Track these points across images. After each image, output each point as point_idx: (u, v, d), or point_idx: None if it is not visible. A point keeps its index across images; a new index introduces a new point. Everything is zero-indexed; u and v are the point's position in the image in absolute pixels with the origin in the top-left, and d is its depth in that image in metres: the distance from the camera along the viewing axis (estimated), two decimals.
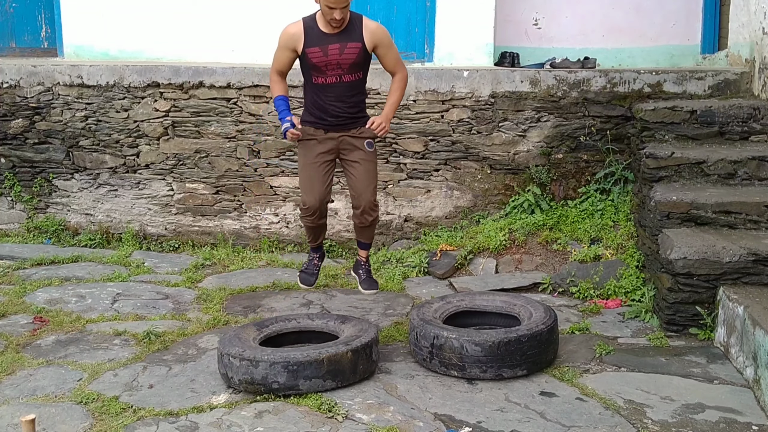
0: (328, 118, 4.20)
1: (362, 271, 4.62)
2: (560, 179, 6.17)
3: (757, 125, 5.43)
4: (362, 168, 4.25)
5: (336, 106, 4.17)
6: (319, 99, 4.18)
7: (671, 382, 3.85)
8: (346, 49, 4.09)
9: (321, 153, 4.23)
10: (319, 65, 4.10)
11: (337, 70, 4.11)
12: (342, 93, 4.16)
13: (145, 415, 3.55)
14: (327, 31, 4.09)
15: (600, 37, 7.11)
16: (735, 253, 4.28)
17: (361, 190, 4.24)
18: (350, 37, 4.09)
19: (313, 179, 4.21)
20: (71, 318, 4.85)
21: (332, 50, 4.08)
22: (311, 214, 4.27)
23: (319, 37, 4.08)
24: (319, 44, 4.08)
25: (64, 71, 6.58)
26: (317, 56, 4.08)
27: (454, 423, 3.47)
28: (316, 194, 4.21)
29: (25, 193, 6.80)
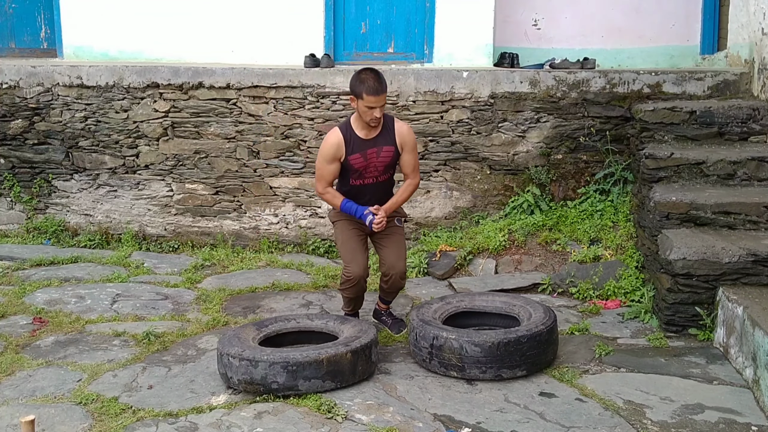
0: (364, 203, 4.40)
1: (386, 318, 4.75)
2: (560, 180, 6.17)
3: (757, 126, 5.43)
4: (394, 240, 4.47)
5: (372, 201, 4.40)
6: (356, 196, 4.39)
7: (671, 383, 3.85)
8: (382, 152, 4.33)
9: (358, 228, 4.43)
10: (360, 169, 4.31)
11: (374, 172, 4.36)
12: (376, 190, 4.42)
13: (144, 416, 3.55)
14: (362, 136, 4.30)
15: (599, 37, 7.12)
16: (734, 253, 4.29)
17: (393, 261, 4.42)
18: (385, 141, 4.33)
19: (356, 250, 4.38)
20: (71, 319, 4.85)
21: (371, 155, 4.30)
22: (356, 283, 4.37)
23: (358, 144, 4.29)
24: (359, 150, 4.28)
25: (63, 72, 6.58)
26: (358, 162, 4.30)
27: (454, 423, 3.47)
28: (360, 263, 4.35)
29: (25, 194, 6.80)
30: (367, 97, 4.13)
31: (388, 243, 4.46)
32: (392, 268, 4.41)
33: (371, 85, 4.13)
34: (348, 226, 4.43)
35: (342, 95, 6.25)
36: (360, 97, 4.16)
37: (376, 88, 4.13)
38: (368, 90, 4.13)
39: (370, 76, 4.16)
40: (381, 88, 4.15)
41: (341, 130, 4.31)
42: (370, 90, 4.13)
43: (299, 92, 6.30)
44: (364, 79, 4.16)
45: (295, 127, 6.36)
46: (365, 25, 6.93)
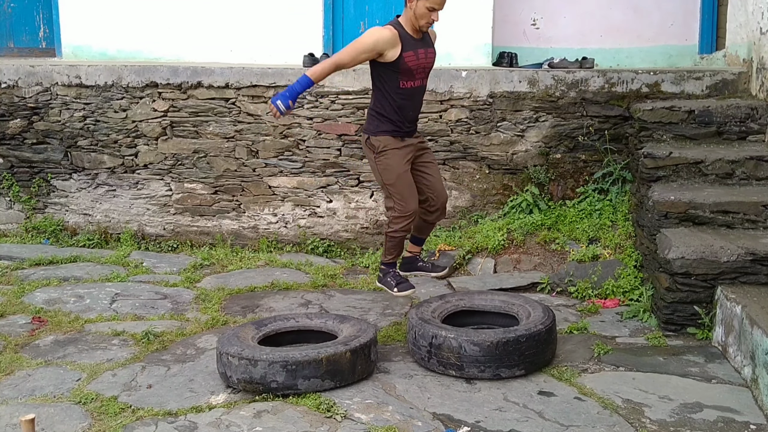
0: (408, 123, 4.30)
1: (422, 263, 4.70)
2: (558, 179, 6.18)
3: (755, 125, 5.44)
4: (435, 167, 4.47)
5: (416, 109, 4.34)
6: (404, 103, 4.24)
7: (669, 382, 3.86)
8: (428, 54, 4.27)
9: (407, 161, 4.33)
10: (413, 69, 4.20)
11: (422, 73, 4.26)
12: (422, 95, 4.36)
13: (143, 415, 3.55)
14: (415, 36, 4.19)
15: (598, 37, 7.13)
16: (733, 252, 4.29)
17: (440, 188, 4.44)
18: (428, 43, 4.29)
19: (411, 184, 4.30)
20: (70, 318, 4.85)
21: (421, 54, 4.21)
22: (414, 217, 4.33)
23: (410, 42, 4.19)
24: (412, 48, 4.18)
25: (62, 71, 6.58)
26: (412, 60, 4.18)
27: (453, 422, 3.48)
28: (415, 197, 4.30)
29: (24, 194, 6.80)
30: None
31: (431, 170, 4.41)
32: (441, 195, 4.43)
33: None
34: (401, 157, 4.26)
35: (341, 94, 6.26)
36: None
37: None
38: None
39: None
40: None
41: (395, 26, 4.16)
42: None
43: None
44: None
45: (294, 126, 6.37)
46: (364, 25, 6.93)
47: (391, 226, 4.33)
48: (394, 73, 4.17)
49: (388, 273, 4.50)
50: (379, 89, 4.26)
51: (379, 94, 4.27)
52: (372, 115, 4.32)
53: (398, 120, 4.25)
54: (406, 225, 4.31)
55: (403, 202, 4.25)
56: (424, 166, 4.40)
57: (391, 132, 4.27)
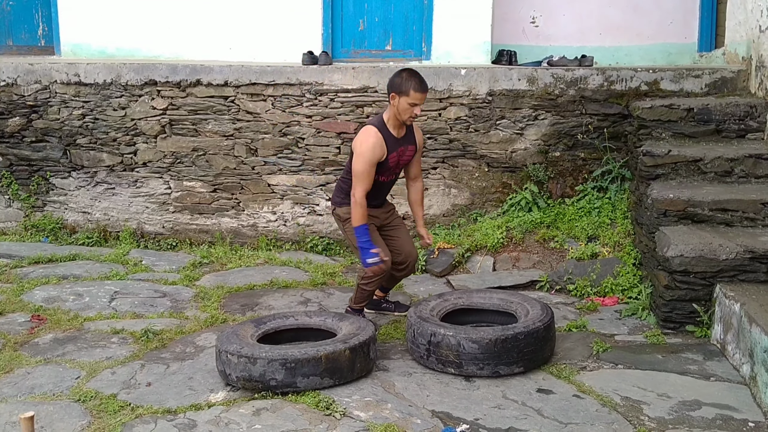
0: (376, 202, 4.54)
1: (387, 304, 4.94)
2: (557, 177, 6.18)
3: (754, 123, 5.44)
4: (403, 230, 4.69)
5: (386, 194, 4.64)
6: (376, 191, 4.45)
7: (668, 380, 3.86)
8: (407, 151, 4.51)
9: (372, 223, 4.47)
10: (392, 167, 4.42)
11: (397, 168, 4.54)
12: (390, 186, 4.62)
13: (143, 413, 3.56)
14: (395, 135, 4.40)
15: (597, 35, 7.12)
16: (732, 250, 4.29)
17: (410, 248, 4.64)
18: (409, 140, 4.49)
19: (381, 242, 4.48)
20: (69, 316, 4.85)
21: (401, 152, 4.46)
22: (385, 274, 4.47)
23: (393, 142, 4.38)
24: (394, 149, 4.39)
25: (61, 69, 6.58)
26: (393, 160, 4.41)
27: (452, 420, 3.48)
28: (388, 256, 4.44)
29: (23, 192, 6.80)
30: (414, 93, 4.20)
31: (399, 233, 4.65)
32: (410, 255, 4.63)
33: (418, 82, 4.22)
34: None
35: (340, 92, 6.26)
36: (405, 93, 4.21)
37: (423, 85, 4.24)
38: (415, 87, 4.21)
39: (414, 74, 4.26)
40: (426, 86, 4.28)
41: (377, 128, 4.33)
42: (417, 87, 4.21)
43: (297, 90, 6.30)
44: (409, 77, 4.23)
45: (293, 124, 6.36)
46: (363, 23, 6.93)
47: (364, 281, 4.51)
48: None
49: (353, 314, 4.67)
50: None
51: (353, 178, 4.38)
52: (340, 187, 4.56)
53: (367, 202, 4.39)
54: (379, 281, 4.51)
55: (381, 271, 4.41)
56: (392, 230, 4.64)
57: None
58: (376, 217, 4.56)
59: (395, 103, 4.28)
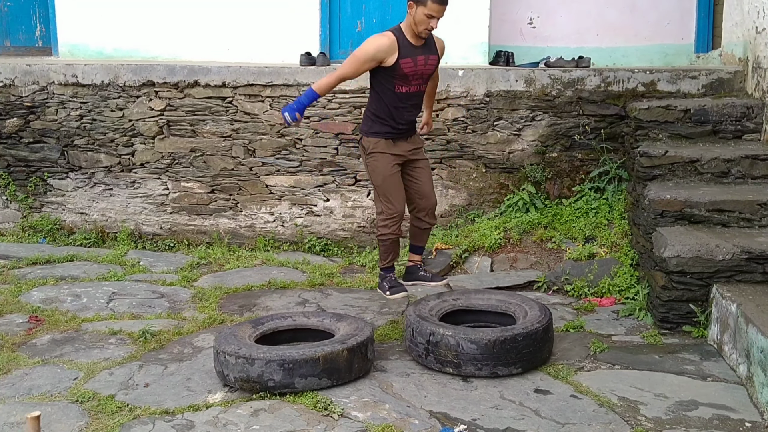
0: (401, 125, 4.39)
1: (423, 273, 4.79)
2: (555, 178, 6.19)
3: (751, 124, 5.46)
4: (426, 172, 4.55)
5: (411, 113, 4.42)
6: (397, 107, 4.33)
7: (665, 380, 3.87)
8: (429, 61, 4.35)
9: (396, 163, 4.41)
10: (409, 75, 4.29)
11: (419, 79, 4.34)
12: (418, 100, 4.43)
13: (141, 414, 3.56)
14: (414, 43, 4.28)
15: (594, 36, 7.13)
16: (728, 251, 4.31)
17: (429, 192, 4.52)
18: (430, 50, 4.35)
19: (398, 187, 4.41)
20: (67, 317, 4.85)
21: (420, 61, 4.30)
22: (400, 217, 4.41)
23: (409, 49, 4.27)
24: (410, 55, 4.27)
25: (58, 70, 6.58)
26: (409, 67, 4.27)
27: (450, 421, 3.49)
28: (403, 198, 4.40)
29: (20, 192, 6.79)
30: (432, 4, 4.12)
31: (421, 176, 4.50)
32: (428, 198, 4.51)
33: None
34: (389, 161, 4.36)
35: (338, 93, 6.26)
36: (423, 3, 4.13)
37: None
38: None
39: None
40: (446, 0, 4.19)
41: (394, 33, 4.26)
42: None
43: (295, 91, 6.30)
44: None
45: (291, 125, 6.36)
46: (361, 24, 6.93)
47: (380, 230, 4.44)
48: (391, 78, 4.26)
49: (384, 278, 4.63)
50: (375, 91, 4.35)
51: (375, 95, 4.36)
52: (367, 115, 4.42)
53: (392, 122, 4.34)
54: (394, 227, 4.41)
55: (389, 204, 4.37)
56: (415, 171, 4.50)
57: (383, 134, 4.37)
58: (400, 154, 4.40)
59: (412, 12, 4.18)
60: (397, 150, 4.40)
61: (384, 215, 4.36)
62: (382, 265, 4.61)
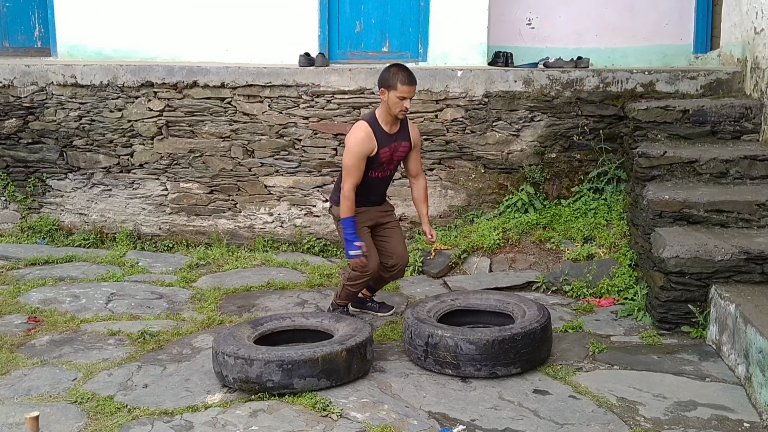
0: (372, 199, 4.58)
1: (371, 303, 4.97)
2: (554, 178, 6.19)
3: (749, 124, 5.46)
4: (397, 232, 4.71)
5: (382, 192, 4.66)
6: (368, 188, 4.50)
7: (663, 380, 3.88)
8: (401, 147, 4.53)
9: (366, 226, 4.55)
10: (384, 162, 4.45)
11: (391, 165, 4.55)
12: (386, 183, 4.66)
13: (140, 415, 3.56)
14: (387, 130, 4.44)
15: (593, 36, 7.14)
16: (727, 251, 4.31)
17: (401, 251, 4.68)
18: (403, 137, 4.53)
19: (371, 246, 4.52)
20: (65, 318, 4.85)
21: (394, 149, 4.49)
22: (370, 277, 4.56)
23: (385, 138, 4.43)
24: (386, 144, 4.44)
25: (57, 71, 6.57)
26: (386, 155, 4.46)
27: (448, 421, 3.49)
28: (375, 260, 4.51)
29: (19, 193, 6.79)
30: (401, 86, 4.27)
31: (392, 235, 4.67)
32: (401, 258, 4.66)
33: (405, 75, 4.29)
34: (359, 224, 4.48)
35: (337, 94, 6.26)
36: (393, 87, 4.28)
37: (410, 78, 4.30)
38: (402, 80, 4.27)
39: (402, 68, 4.33)
40: (414, 79, 4.33)
41: (369, 123, 4.39)
42: (404, 80, 4.27)
43: (294, 91, 6.31)
44: (396, 71, 4.31)
45: (290, 126, 6.37)
46: (360, 24, 6.94)
47: (350, 281, 4.58)
48: (366, 166, 4.40)
49: (336, 308, 4.76)
50: None
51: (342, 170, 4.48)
52: (338, 186, 4.56)
53: (363, 199, 4.48)
54: (364, 282, 4.58)
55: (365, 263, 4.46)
56: (387, 231, 4.67)
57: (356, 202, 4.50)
58: (371, 217, 4.58)
59: (385, 98, 4.34)
60: (367, 216, 4.54)
61: (356, 272, 4.48)
62: (339, 303, 4.74)
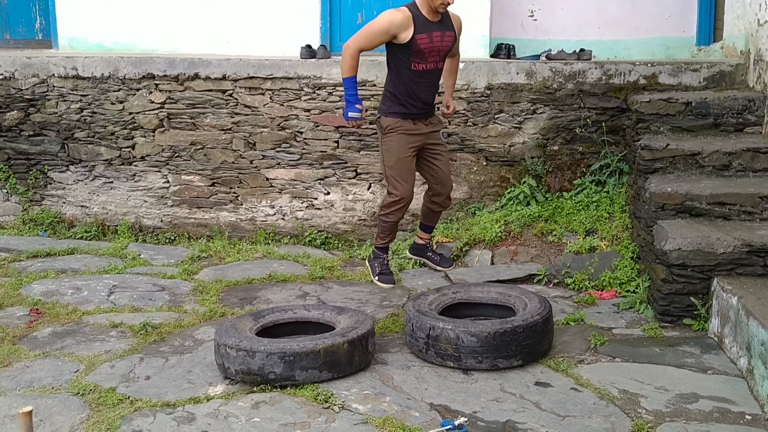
0: (420, 105, 4.32)
1: (432, 253, 4.81)
2: (556, 171, 6.18)
3: (752, 117, 5.44)
4: (444, 158, 4.52)
5: (429, 92, 4.35)
6: (414, 85, 4.27)
7: (665, 373, 3.88)
8: (445, 37, 4.28)
9: (412, 146, 4.35)
10: (425, 51, 4.23)
11: (436, 56, 4.27)
12: (435, 78, 4.35)
13: (142, 407, 3.56)
14: (430, 19, 4.22)
15: (596, 28, 7.11)
16: (729, 244, 4.30)
17: (445, 177, 4.50)
18: (447, 26, 4.31)
19: (408, 171, 4.35)
20: (67, 310, 4.86)
21: (436, 37, 4.23)
22: (404, 206, 4.37)
23: (425, 25, 4.22)
24: (426, 31, 4.21)
25: (58, 63, 6.56)
26: (425, 42, 4.19)
27: (450, 413, 3.49)
28: (411, 184, 4.36)
29: (21, 186, 6.79)
30: None
31: (439, 161, 4.46)
32: (444, 185, 4.49)
33: None
34: (403, 142, 4.28)
35: (338, 86, 6.25)
36: None
37: None
38: None
39: None
40: None
41: (409, 8, 4.22)
42: None
43: (295, 83, 6.29)
44: None
45: (292, 118, 6.36)
46: (361, 16, 6.91)
47: (384, 210, 4.40)
48: (407, 55, 4.21)
49: (377, 257, 4.58)
50: (393, 69, 4.31)
51: (392, 74, 4.32)
52: (385, 95, 4.37)
53: (410, 101, 4.28)
54: (398, 211, 4.37)
55: (398, 186, 4.30)
56: (432, 156, 4.45)
57: (402, 114, 4.31)
58: (418, 135, 4.32)
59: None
60: (415, 130, 4.32)
61: (390, 197, 4.32)
62: (379, 244, 4.56)
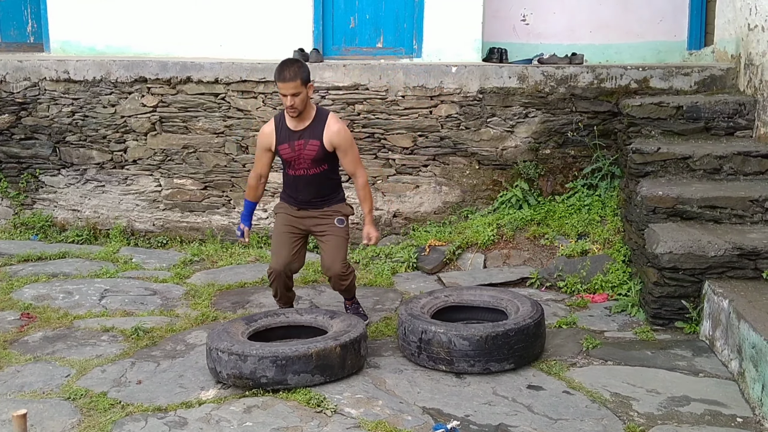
0: (300, 199, 4.47)
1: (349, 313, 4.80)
2: (548, 174, 6.20)
3: (743, 121, 5.47)
4: (331, 242, 4.43)
5: (307, 192, 4.43)
6: (293, 185, 4.45)
7: (657, 375, 3.89)
8: (308, 146, 4.30)
9: (292, 225, 4.47)
10: (289, 160, 4.36)
11: (303, 163, 4.34)
12: (310, 182, 4.40)
13: (133, 411, 3.55)
14: (291, 127, 4.30)
15: (587, 33, 7.14)
16: (720, 247, 4.32)
17: (329, 262, 4.41)
18: (312, 134, 4.30)
19: (280, 245, 4.44)
20: (59, 314, 4.84)
21: (298, 146, 4.31)
22: (275, 279, 4.43)
23: (287, 134, 4.33)
24: (287, 141, 4.33)
25: (50, 66, 6.54)
26: (286, 152, 4.34)
27: (442, 417, 3.49)
28: (280, 259, 4.39)
29: (12, 189, 6.76)
30: (277, 83, 4.18)
31: (325, 244, 4.46)
32: (328, 269, 4.42)
33: (278, 71, 4.14)
34: (282, 221, 4.49)
35: (331, 90, 6.25)
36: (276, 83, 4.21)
37: (280, 74, 4.12)
38: (276, 77, 4.17)
39: (282, 64, 4.16)
40: (286, 75, 4.10)
41: (275, 119, 4.38)
42: (277, 77, 4.16)
43: None
44: (277, 67, 4.17)
45: None
46: (354, 20, 6.92)
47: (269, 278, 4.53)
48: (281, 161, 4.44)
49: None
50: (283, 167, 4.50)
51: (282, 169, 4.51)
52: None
53: (291, 193, 4.48)
54: (272, 283, 4.48)
55: (272, 259, 4.48)
56: (320, 240, 4.51)
57: (286, 200, 4.53)
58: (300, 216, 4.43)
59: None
60: (296, 214, 4.45)
61: (268, 269, 4.49)
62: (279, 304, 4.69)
